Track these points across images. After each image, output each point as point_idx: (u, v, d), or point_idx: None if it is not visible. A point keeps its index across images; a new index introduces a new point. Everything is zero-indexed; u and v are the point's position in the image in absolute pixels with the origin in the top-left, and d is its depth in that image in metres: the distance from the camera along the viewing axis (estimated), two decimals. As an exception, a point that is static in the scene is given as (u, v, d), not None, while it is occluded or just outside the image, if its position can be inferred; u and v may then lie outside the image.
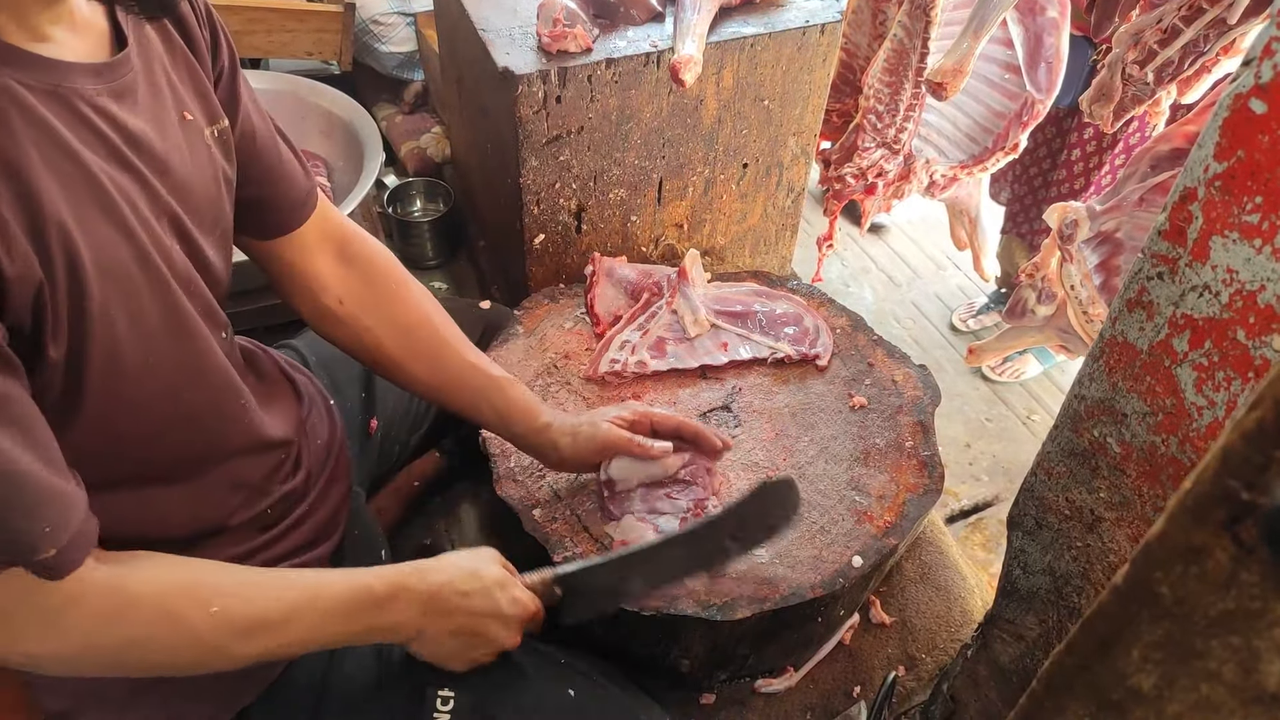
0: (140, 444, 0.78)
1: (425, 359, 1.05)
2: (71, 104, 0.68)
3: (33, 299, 0.64)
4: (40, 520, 0.64)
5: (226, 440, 0.87)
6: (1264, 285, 0.56)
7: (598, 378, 1.33)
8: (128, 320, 0.72)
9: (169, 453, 0.81)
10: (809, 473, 1.23)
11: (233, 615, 0.75)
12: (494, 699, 0.96)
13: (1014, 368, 2.48)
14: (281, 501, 0.95)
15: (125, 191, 0.72)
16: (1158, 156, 1.13)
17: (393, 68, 2.56)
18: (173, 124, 0.79)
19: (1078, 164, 2.08)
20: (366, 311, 1.03)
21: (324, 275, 1.01)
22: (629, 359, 1.34)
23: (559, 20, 1.36)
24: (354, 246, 1.04)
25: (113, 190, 0.70)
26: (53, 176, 0.65)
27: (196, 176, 0.81)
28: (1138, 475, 0.72)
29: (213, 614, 0.73)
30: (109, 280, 0.70)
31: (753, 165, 1.67)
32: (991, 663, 0.98)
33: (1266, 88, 0.52)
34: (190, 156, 0.80)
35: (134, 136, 0.74)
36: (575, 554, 1.11)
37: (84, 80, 0.70)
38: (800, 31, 1.49)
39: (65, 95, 0.68)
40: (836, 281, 2.80)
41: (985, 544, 2.04)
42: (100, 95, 0.71)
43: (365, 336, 1.03)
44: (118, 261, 0.71)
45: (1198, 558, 0.36)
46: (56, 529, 0.65)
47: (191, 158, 0.80)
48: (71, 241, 0.66)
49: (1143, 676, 0.42)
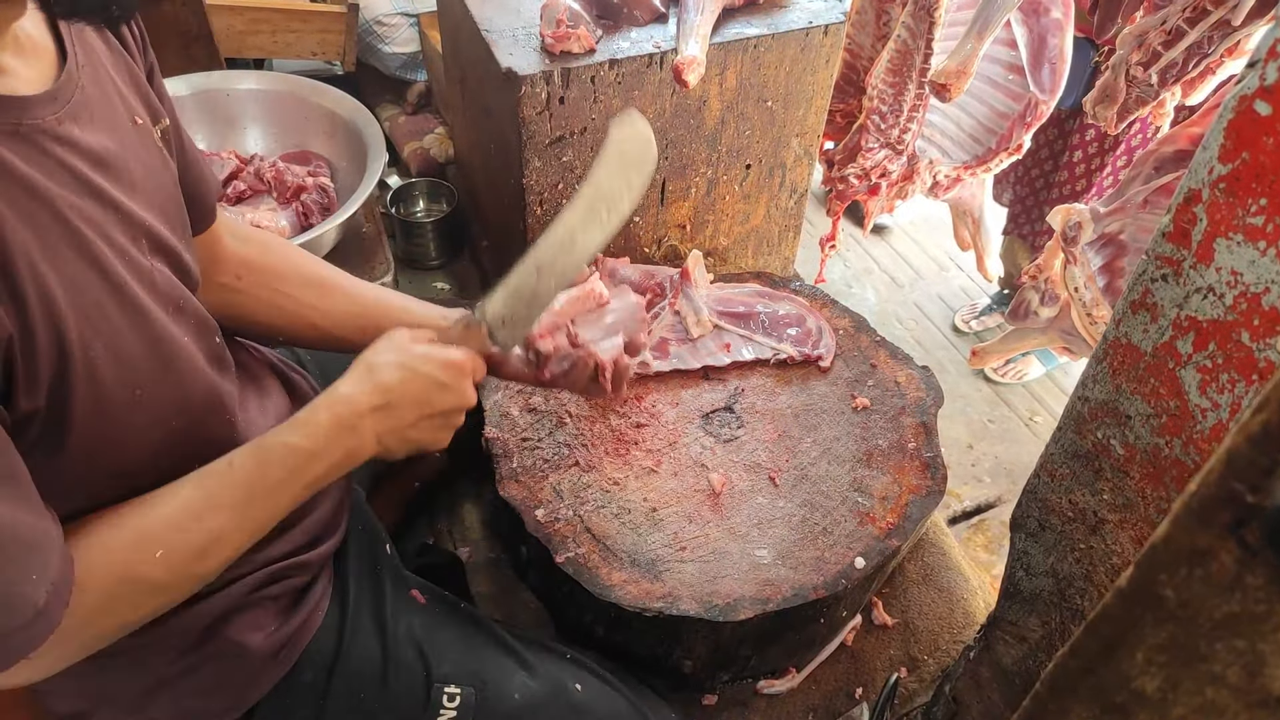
0: (127, 473, 0.77)
1: (339, 292, 1.04)
2: (34, 140, 0.67)
3: (4, 356, 0.63)
4: (29, 568, 0.63)
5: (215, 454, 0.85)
6: (1268, 288, 0.56)
7: None
8: (110, 358, 0.71)
9: (157, 478, 0.80)
10: (812, 474, 1.23)
11: (181, 549, 0.74)
12: (499, 696, 0.96)
13: (1017, 369, 2.47)
14: None
15: (96, 224, 0.70)
16: (1162, 158, 1.13)
17: (396, 68, 2.56)
18: (128, 132, 0.77)
19: (1079, 165, 2.08)
20: (267, 274, 1.02)
21: (223, 258, 1.00)
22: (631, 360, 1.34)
23: (562, 21, 1.36)
24: (243, 231, 1.04)
25: (83, 226, 0.69)
26: (21, 222, 0.64)
27: (158, 182, 0.80)
28: (1141, 477, 0.72)
29: (161, 557, 0.73)
30: (86, 320, 0.68)
31: (756, 166, 1.67)
32: (994, 664, 0.98)
33: (1272, 90, 0.52)
34: (149, 164, 0.79)
35: (98, 157, 0.72)
36: (578, 553, 1.11)
37: (43, 111, 0.68)
38: (804, 32, 1.49)
39: (27, 133, 0.66)
40: (839, 282, 2.80)
41: (988, 545, 2.04)
42: (61, 123, 0.69)
43: (271, 295, 1.02)
44: (93, 300, 0.69)
45: (1202, 560, 0.36)
46: (41, 574, 0.64)
47: (150, 165, 0.79)
48: (46, 286, 0.65)
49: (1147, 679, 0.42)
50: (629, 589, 1.08)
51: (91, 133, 0.72)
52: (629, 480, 1.21)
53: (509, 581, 1.36)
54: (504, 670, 0.99)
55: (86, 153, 0.71)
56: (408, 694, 0.94)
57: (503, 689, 0.97)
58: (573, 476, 1.21)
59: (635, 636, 1.13)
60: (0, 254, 0.62)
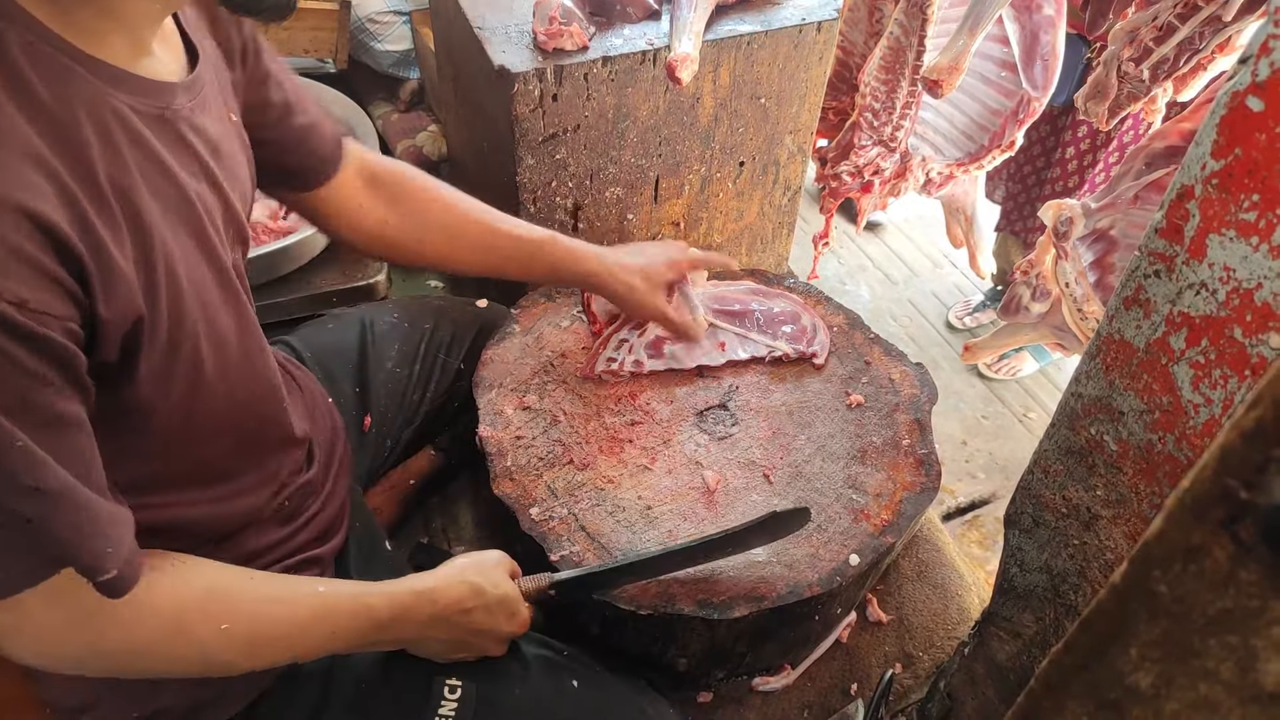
0: (195, 447, 0.80)
1: (470, 242, 1.14)
2: (173, 126, 0.71)
3: (125, 335, 0.66)
4: (104, 541, 0.65)
5: (264, 438, 0.90)
6: (1261, 283, 0.56)
7: (594, 376, 1.33)
8: (209, 337, 0.75)
9: (216, 454, 0.83)
10: (806, 471, 1.23)
11: (241, 634, 0.76)
12: (500, 690, 0.97)
13: (1010, 365, 2.48)
14: (299, 493, 0.96)
15: (209, 208, 0.75)
16: (1153, 154, 1.13)
17: (389, 66, 2.56)
18: (228, 125, 0.82)
19: (1072, 162, 2.08)
20: (414, 226, 1.11)
21: (364, 207, 1.08)
22: (625, 358, 1.34)
23: (555, 18, 1.35)
24: (379, 173, 1.10)
25: (201, 209, 0.73)
26: (155, 200, 0.67)
27: (245, 176, 0.85)
28: (1134, 473, 0.72)
29: (222, 630, 0.75)
30: (199, 299, 0.72)
31: (749, 163, 1.67)
32: (989, 660, 0.99)
33: (1264, 85, 0.52)
34: (240, 155, 0.84)
35: (215, 146, 0.77)
36: (572, 552, 1.11)
37: (183, 100, 0.72)
38: (797, 29, 1.49)
39: (169, 118, 0.70)
40: (833, 279, 2.80)
41: (982, 541, 2.04)
42: (194, 112, 0.73)
43: (421, 248, 1.12)
44: (205, 281, 0.73)
45: (1196, 557, 0.36)
46: (118, 548, 0.66)
47: (241, 156, 0.84)
48: (174, 266, 0.69)
49: (1141, 675, 0.42)
50: (623, 587, 1.08)
51: (211, 123, 0.77)
52: (623, 478, 1.21)
53: (504, 580, 1.36)
54: (504, 665, 0.99)
55: (209, 141, 0.76)
56: (409, 687, 0.95)
57: (503, 683, 0.97)
58: (567, 475, 1.21)
59: (630, 634, 1.13)
60: (141, 232, 0.66)
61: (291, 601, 0.81)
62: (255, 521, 0.91)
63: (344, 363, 1.23)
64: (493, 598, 0.93)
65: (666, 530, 1.15)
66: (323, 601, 0.82)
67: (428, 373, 1.32)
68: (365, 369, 1.25)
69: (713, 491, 1.19)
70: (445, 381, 1.34)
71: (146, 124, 0.67)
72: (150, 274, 0.66)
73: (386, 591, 0.87)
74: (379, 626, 0.85)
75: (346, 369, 1.24)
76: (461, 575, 0.92)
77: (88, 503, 0.63)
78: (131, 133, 0.66)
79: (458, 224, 1.13)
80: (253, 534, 0.91)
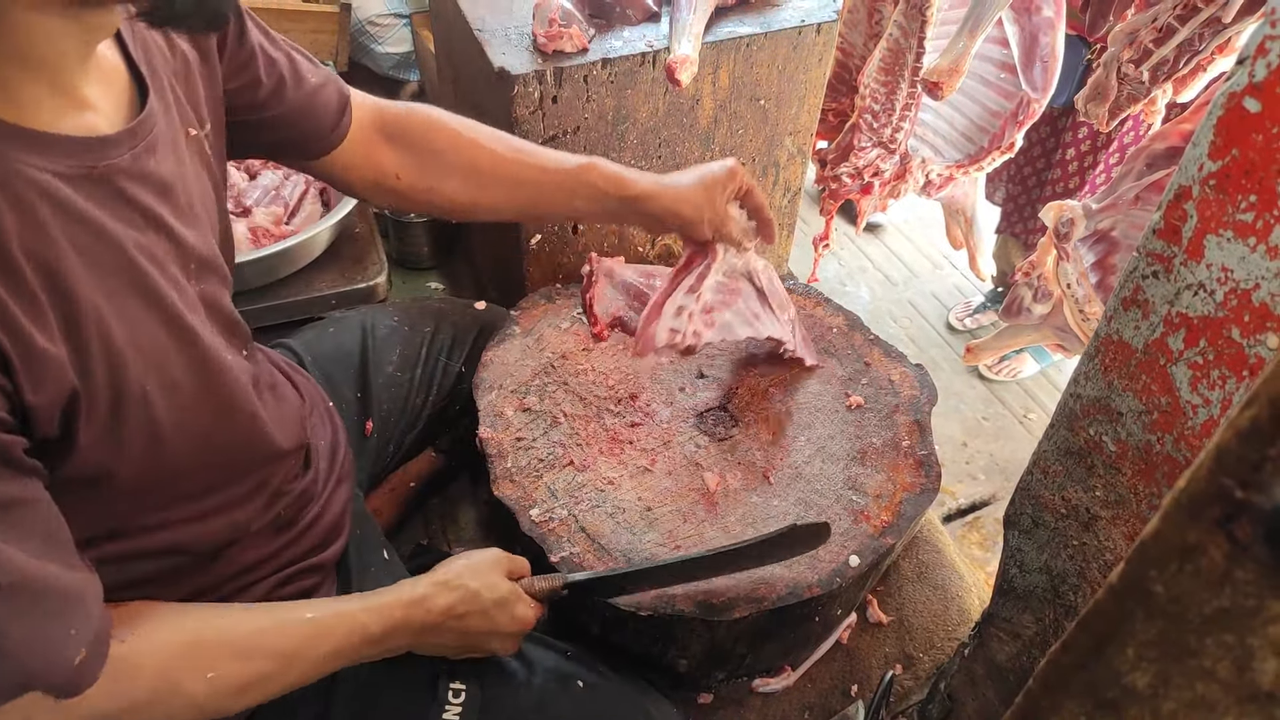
0: (167, 488, 0.78)
1: (498, 185, 1.06)
2: (109, 181, 0.66)
3: (62, 412, 0.63)
4: (67, 624, 0.63)
5: (242, 459, 0.87)
6: (1258, 283, 0.56)
7: (653, 351, 1.18)
8: (162, 392, 0.71)
9: (193, 487, 0.81)
10: (806, 472, 1.23)
11: (229, 679, 0.75)
12: (504, 691, 0.97)
13: (1011, 366, 2.48)
14: (296, 501, 0.95)
15: (155, 257, 0.70)
16: (1153, 155, 1.13)
17: (389, 68, 2.56)
18: (181, 149, 0.77)
19: (1072, 163, 2.08)
20: (424, 176, 1.05)
21: (377, 162, 1.03)
22: (687, 328, 1.18)
23: (555, 20, 1.36)
24: (391, 121, 1.04)
25: (146, 263, 0.69)
26: (87, 267, 0.63)
27: (200, 195, 0.80)
28: (1133, 474, 0.72)
29: (210, 679, 0.73)
30: (144, 357, 0.68)
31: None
32: (988, 661, 0.99)
33: (1260, 86, 0.52)
34: (195, 177, 0.79)
35: (164, 187, 0.72)
36: (572, 553, 1.11)
37: (121, 149, 0.67)
38: (796, 31, 1.49)
39: (102, 174, 0.65)
40: (833, 281, 2.80)
41: (982, 542, 2.04)
42: (137, 159, 0.69)
43: (434, 198, 1.06)
44: (150, 336, 0.69)
45: (1192, 556, 0.36)
46: (82, 627, 0.64)
47: (196, 178, 0.80)
48: (107, 330, 0.65)
49: (1138, 675, 0.42)
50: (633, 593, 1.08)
51: (160, 161, 0.72)
52: (623, 480, 1.21)
53: (504, 581, 1.36)
54: (508, 666, 0.99)
55: (156, 184, 0.71)
56: (413, 690, 0.94)
57: (507, 685, 0.97)
58: (567, 476, 1.21)
59: (630, 635, 1.13)
60: (67, 304, 0.62)
61: (279, 632, 0.79)
62: (249, 534, 0.89)
63: (345, 368, 1.23)
64: (488, 601, 0.91)
65: (666, 531, 1.15)
66: (313, 627, 0.81)
67: (429, 377, 1.31)
68: (366, 374, 1.25)
69: (713, 493, 1.19)
70: (447, 385, 1.34)
71: (75, 187, 0.63)
72: (81, 347, 0.63)
73: (377, 606, 0.85)
74: (373, 641, 0.84)
75: (348, 374, 1.24)
76: (456, 579, 0.91)
77: (45, 590, 0.60)
78: (55, 200, 0.61)
79: (485, 161, 1.05)
80: (249, 546, 0.89)
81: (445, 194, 1.06)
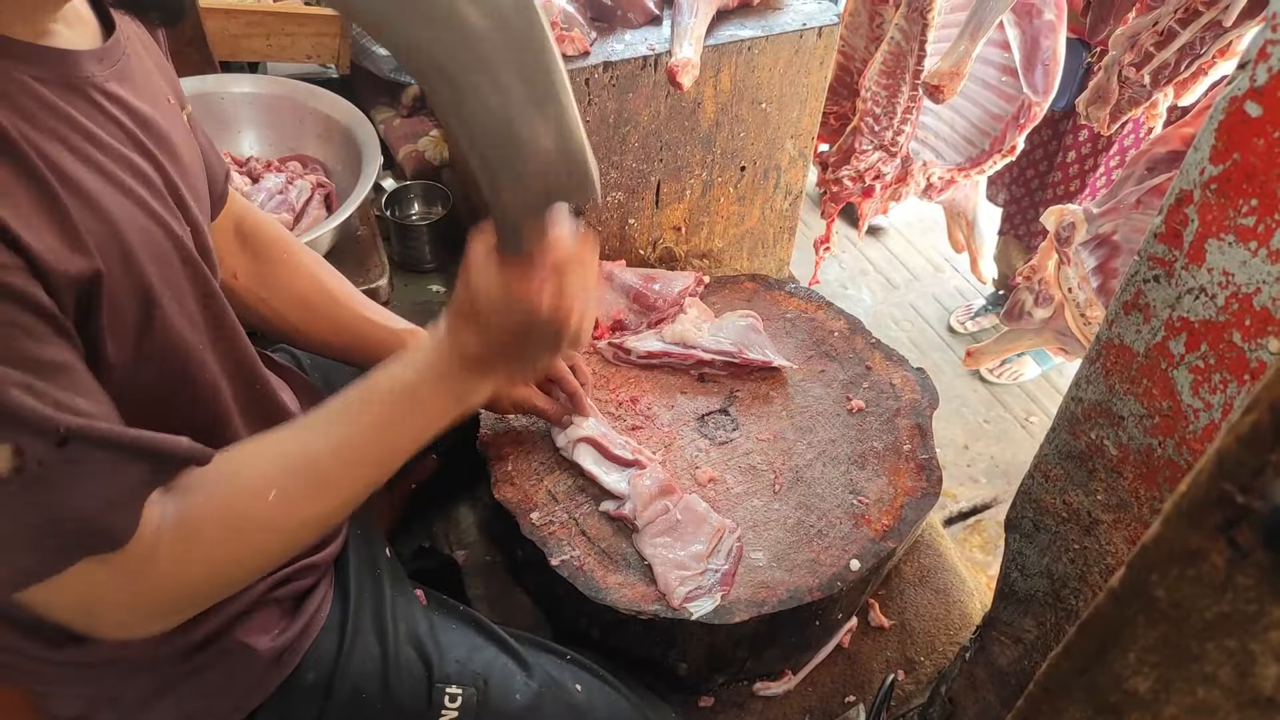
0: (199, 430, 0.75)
1: (324, 321, 1.06)
2: (86, 93, 0.67)
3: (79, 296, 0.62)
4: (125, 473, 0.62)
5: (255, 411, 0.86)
6: (1260, 288, 0.56)
7: None
8: (179, 311, 0.71)
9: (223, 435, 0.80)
10: (806, 476, 1.23)
11: (292, 492, 0.72)
12: (502, 696, 0.96)
13: (1012, 370, 2.48)
14: None
15: (147, 177, 0.71)
16: (1155, 159, 1.13)
17: (391, 71, 2.56)
18: (167, 108, 0.79)
19: (1073, 166, 2.08)
20: (261, 284, 1.04)
21: (224, 254, 1.01)
22: None
23: (556, 23, 1.36)
24: (247, 223, 1.04)
25: (136, 177, 0.69)
26: (89, 169, 0.65)
27: (194, 160, 0.81)
28: (1134, 477, 0.72)
29: (273, 501, 0.71)
30: (159, 269, 0.68)
31: (750, 168, 1.67)
32: (989, 665, 0.98)
33: (1262, 91, 0.52)
34: (185, 140, 0.80)
35: (144, 119, 0.73)
36: (572, 556, 1.11)
37: (91, 67, 0.69)
38: (797, 34, 1.49)
39: (79, 85, 0.67)
40: (834, 284, 2.80)
41: (984, 546, 2.04)
42: (108, 81, 0.70)
43: (263, 308, 1.04)
44: (161, 250, 0.69)
45: (1193, 561, 0.36)
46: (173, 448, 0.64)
47: (186, 141, 0.81)
48: (120, 231, 0.65)
49: (1139, 680, 0.42)
50: (624, 591, 1.08)
51: (136, 98, 0.73)
52: (624, 483, 1.20)
53: (504, 584, 1.36)
54: (505, 671, 0.99)
55: (134, 112, 0.72)
56: (409, 695, 0.94)
57: (504, 689, 0.97)
58: (567, 479, 1.21)
59: (631, 639, 1.13)
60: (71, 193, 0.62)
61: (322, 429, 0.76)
62: None
63: (345, 371, 1.23)
64: (493, 274, 0.77)
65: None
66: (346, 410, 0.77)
67: None
68: None
69: (703, 486, 1.20)
70: None
71: (58, 93, 0.64)
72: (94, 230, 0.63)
73: (405, 360, 0.80)
74: (415, 397, 0.78)
75: (348, 377, 1.23)
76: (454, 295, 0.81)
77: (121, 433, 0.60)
78: (42, 101, 0.63)
79: (317, 295, 1.06)
80: None
81: (274, 308, 1.05)
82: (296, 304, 1.05)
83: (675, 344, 1.37)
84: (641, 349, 1.36)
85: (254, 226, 1.05)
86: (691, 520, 1.12)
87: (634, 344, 1.37)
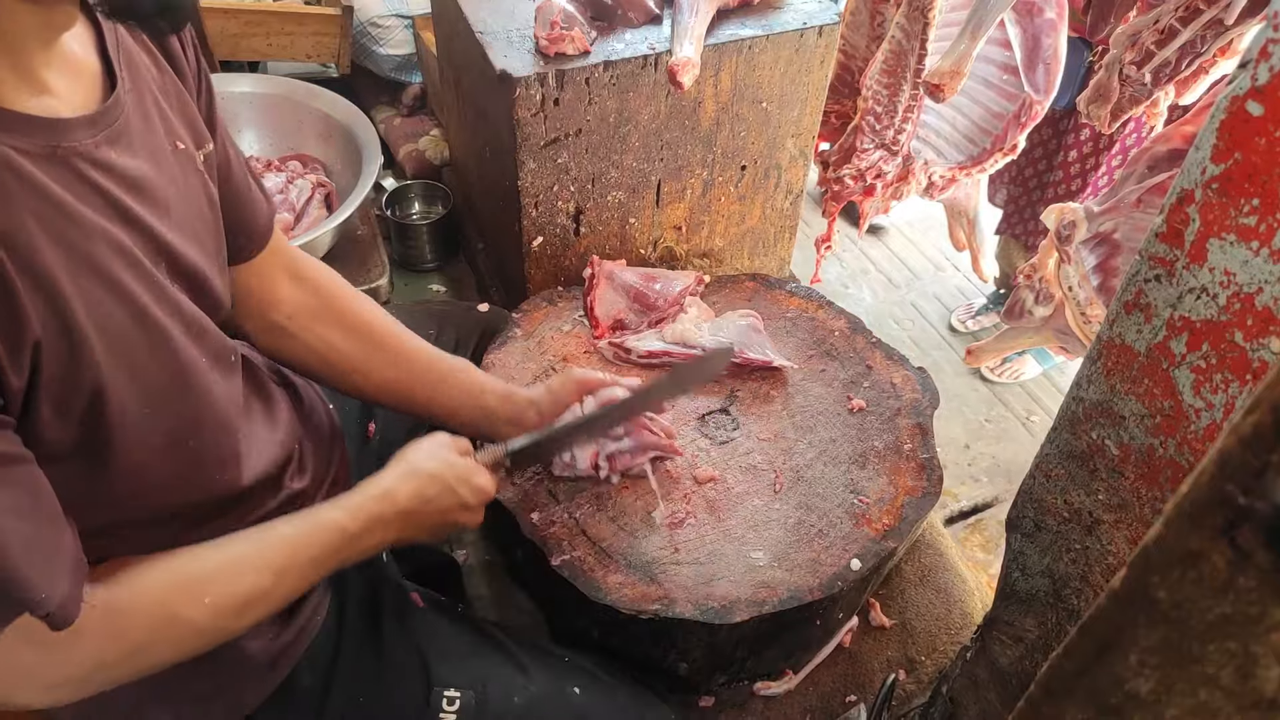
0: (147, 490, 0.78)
1: (388, 353, 1.08)
2: (69, 164, 0.66)
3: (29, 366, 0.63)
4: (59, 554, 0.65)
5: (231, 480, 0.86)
6: (1261, 287, 0.56)
7: None
8: (132, 384, 0.71)
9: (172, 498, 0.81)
10: (807, 475, 1.23)
11: (225, 600, 0.77)
12: (500, 699, 0.96)
13: (1013, 369, 2.48)
14: (287, 504, 0.94)
15: (124, 249, 0.70)
16: (1155, 157, 1.13)
17: (391, 70, 2.56)
18: (167, 156, 0.77)
19: (1074, 165, 2.08)
20: (318, 321, 1.05)
21: (277, 294, 1.02)
22: None
23: (556, 23, 1.36)
24: (303, 268, 1.05)
25: (110, 251, 0.69)
26: (53, 244, 0.64)
27: (194, 208, 0.80)
28: (1136, 477, 0.72)
29: (207, 604, 0.76)
30: (109, 346, 0.68)
31: (751, 167, 1.67)
32: (991, 665, 0.98)
33: (1263, 90, 0.52)
34: (185, 188, 0.79)
35: (134, 182, 0.72)
36: (573, 556, 1.11)
37: (81, 134, 0.67)
38: (798, 33, 1.49)
39: (63, 156, 0.66)
40: (835, 283, 2.80)
41: (985, 545, 2.04)
42: (99, 147, 0.69)
43: (319, 345, 1.05)
44: (116, 325, 0.69)
45: (1195, 562, 0.36)
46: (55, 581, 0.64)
47: (187, 189, 0.80)
48: (67, 308, 0.65)
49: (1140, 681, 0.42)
50: (624, 592, 1.08)
51: (129, 158, 0.72)
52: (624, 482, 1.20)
53: (505, 584, 1.36)
54: (503, 674, 0.99)
55: (121, 177, 0.71)
56: (407, 698, 0.94)
57: (502, 692, 0.97)
58: (568, 479, 1.20)
59: (631, 639, 1.13)
60: (37, 273, 0.62)
61: (259, 549, 0.81)
62: None
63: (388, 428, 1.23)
64: (451, 476, 0.94)
65: (667, 535, 1.15)
66: (294, 538, 0.83)
67: None
68: None
69: (702, 485, 1.20)
70: None
71: (38, 165, 0.63)
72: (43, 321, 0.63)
73: (349, 506, 0.88)
74: (353, 539, 0.87)
75: None
76: (415, 467, 0.94)
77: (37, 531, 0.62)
78: (20, 175, 0.62)
79: (379, 324, 1.08)
80: None
81: (333, 342, 1.05)
82: (357, 339, 1.06)
83: (676, 343, 1.37)
84: (642, 348, 1.36)
85: (307, 266, 1.06)
86: None
87: (634, 343, 1.37)
